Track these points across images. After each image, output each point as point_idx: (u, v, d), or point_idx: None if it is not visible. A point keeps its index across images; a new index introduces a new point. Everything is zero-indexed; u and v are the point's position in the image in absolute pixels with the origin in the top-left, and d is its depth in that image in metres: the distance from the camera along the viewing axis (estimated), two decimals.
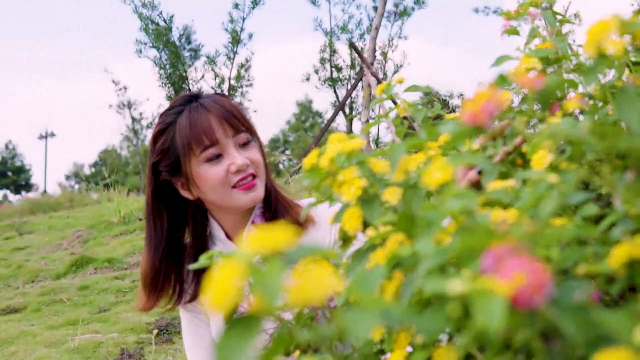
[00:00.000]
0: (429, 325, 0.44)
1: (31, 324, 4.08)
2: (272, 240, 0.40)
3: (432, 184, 0.66)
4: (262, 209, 1.52)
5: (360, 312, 0.38)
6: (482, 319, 0.43)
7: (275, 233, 0.40)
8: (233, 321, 0.39)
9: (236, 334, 0.38)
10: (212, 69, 17.22)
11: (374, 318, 0.38)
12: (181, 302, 1.54)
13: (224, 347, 0.38)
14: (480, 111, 0.55)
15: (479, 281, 0.46)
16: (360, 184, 0.74)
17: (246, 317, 0.39)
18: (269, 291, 0.37)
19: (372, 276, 0.45)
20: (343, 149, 0.76)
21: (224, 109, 1.43)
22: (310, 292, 0.39)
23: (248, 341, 0.38)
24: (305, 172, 0.80)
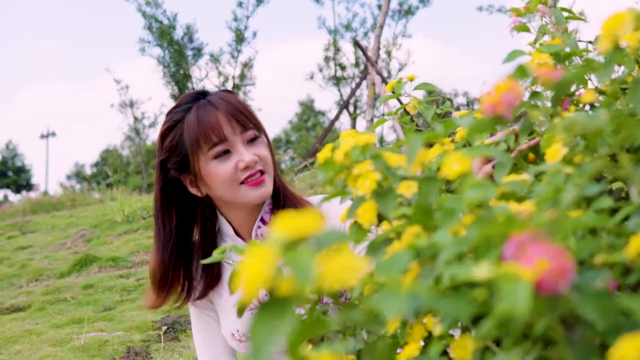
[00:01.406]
0: (454, 309, 0.44)
1: (35, 322, 4.09)
2: (302, 225, 0.41)
3: (450, 175, 0.67)
4: (271, 205, 1.53)
5: (391, 294, 0.39)
6: (508, 303, 0.44)
7: (305, 218, 0.41)
8: (264, 305, 0.40)
9: (268, 317, 0.39)
10: (216, 67, 17.23)
11: (405, 300, 0.39)
12: (190, 299, 1.55)
13: (257, 331, 0.39)
14: (499, 102, 0.56)
15: (503, 267, 0.47)
16: (375, 178, 0.74)
17: (277, 301, 0.39)
18: (302, 274, 0.38)
19: (397, 260, 0.46)
20: (358, 143, 0.77)
21: (232, 105, 1.43)
22: (340, 276, 0.39)
23: (280, 325, 0.38)
24: (319, 166, 0.80)
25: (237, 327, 1.50)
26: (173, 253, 1.51)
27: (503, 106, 0.55)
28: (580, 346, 0.54)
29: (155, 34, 17.26)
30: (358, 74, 15.71)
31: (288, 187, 1.57)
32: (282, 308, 0.39)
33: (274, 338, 0.38)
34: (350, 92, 8.49)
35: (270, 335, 0.38)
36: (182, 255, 1.53)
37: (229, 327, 1.52)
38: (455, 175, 0.67)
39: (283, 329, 0.38)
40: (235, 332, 1.50)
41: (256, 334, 0.39)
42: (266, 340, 0.38)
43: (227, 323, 1.53)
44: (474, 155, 0.69)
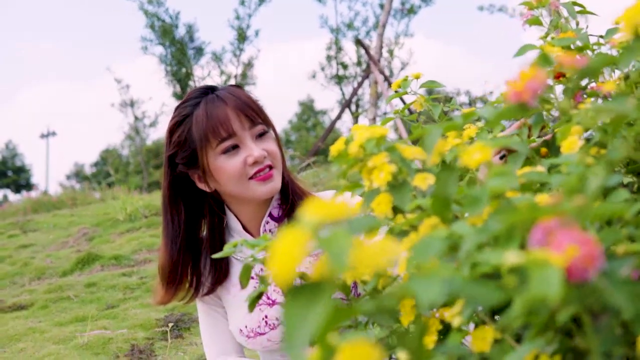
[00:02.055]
0: (486, 295, 0.44)
1: (39, 320, 4.08)
2: (335, 209, 0.40)
3: (471, 164, 0.66)
4: (279, 201, 1.53)
5: (427, 279, 0.38)
6: (539, 289, 0.44)
7: (337, 202, 0.41)
8: (297, 290, 0.39)
9: (301, 303, 0.38)
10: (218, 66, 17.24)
11: (441, 284, 0.38)
12: (198, 294, 1.54)
13: (289, 318, 0.38)
14: (524, 90, 0.56)
15: (533, 253, 0.46)
16: (390, 170, 0.74)
17: (311, 285, 0.39)
18: (338, 257, 0.37)
19: (428, 246, 0.45)
20: (373, 135, 0.76)
21: (240, 100, 1.43)
22: (374, 260, 0.39)
23: (314, 310, 0.38)
24: (333, 159, 0.80)
25: (245, 323, 1.50)
26: (182, 248, 1.51)
27: (528, 94, 0.55)
28: (606, 335, 0.53)
29: (158, 32, 17.28)
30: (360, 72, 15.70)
31: (296, 183, 1.56)
32: (316, 293, 0.39)
33: (307, 325, 0.37)
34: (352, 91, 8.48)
35: (303, 321, 0.38)
36: (190, 251, 1.53)
37: (238, 323, 1.51)
38: (476, 165, 0.67)
39: (317, 315, 0.38)
40: (243, 328, 1.50)
41: (288, 321, 0.38)
42: (299, 327, 0.37)
43: (235, 319, 1.53)
44: (496, 145, 0.68)
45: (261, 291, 0.87)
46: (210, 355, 1.57)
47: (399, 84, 1.18)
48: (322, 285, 0.39)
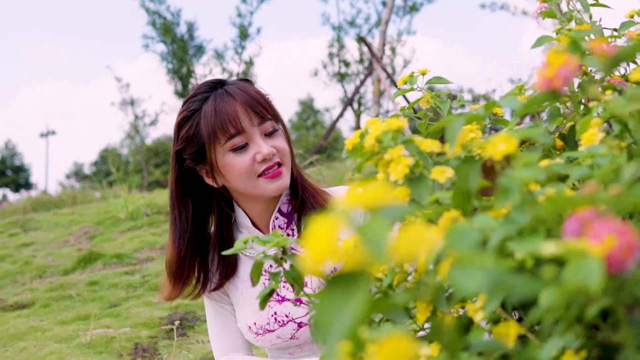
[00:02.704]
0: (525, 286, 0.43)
1: (40, 319, 4.06)
2: (371, 196, 0.39)
3: (496, 155, 0.65)
4: (289, 197, 1.52)
5: (469, 269, 0.37)
6: (580, 279, 0.43)
7: (374, 189, 0.39)
8: (332, 280, 0.38)
9: (337, 293, 0.37)
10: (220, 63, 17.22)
11: (483, 274, 0.37)
12: (205, 290, 1.53)
13: (324, 309, 0.37)
14: (555, 76, 0.54)
15: (571, 243, 0.45)
16: (408, 163, 0.72)
17: (347, 275, 0.38)
18: (376, 245, 0.36)
19: (465, 235, 0.44)
20: (389, 127, 0.75)
21: (250, 96, 1.41)
22: (412, 248, 0.38)
23: (351, 300, 0.37)
24: (348, 153, 0.79)
25: (254, 320, 1.48)
26: (189, 244, 1.50)
27: (559, 80, 0.54)
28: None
29: (159, 30, 17.27)
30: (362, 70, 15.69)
31: (306, 178, 1.55)
32: (352, 284, 0.37)
33: (343, 317, 0.36)
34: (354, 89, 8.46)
35: (339, 313, 0.36)
36: (198, 247, 1.52)
37: (246, 319, 1.50)
38: (500, 156, 0.66)
39: (354, 307, 0.36)
40: (252, 325, 1.49)
41: (323, 313, 0.37)
42: (335, 319, 0.36)
43: (243, 316, 1.51)
44: (520, 136, 0.67)
45: (272, 288, 0.86)
46: (218, 351, 1.56)
47: (405, 80, 1.17)
48: (358, 275, 0.37)
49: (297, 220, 1.51)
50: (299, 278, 0.86)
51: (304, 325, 1.46)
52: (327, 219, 0.38)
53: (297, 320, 1.47)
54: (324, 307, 0.37)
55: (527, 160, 0.59)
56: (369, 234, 0.37)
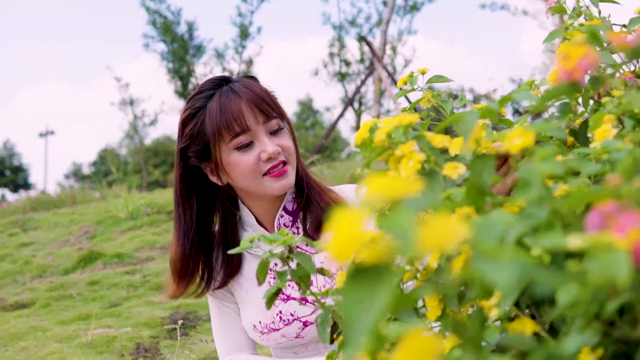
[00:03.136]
0: (552, 280, 0.42)
1: (41, 319, 4.04)
2: (396, 187, 0.38)
3: (512, 149, 0.64)
4: (294, 194, 1.51)
5: (499, 262, 0.36)
6: (607, 273, 0.42)
7: (398, 180, 0.38)
8: (356, 273, 0.37)
9: (362, 287, 0.36)
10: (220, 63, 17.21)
11: (514, 267, 0.36)
12: (210, 288, 1.52)
13: (350, 302, 0.36)
14: (576, 68, 0.53)
15: (597, 236, 0.44)
16: (419, 158, 0.72)
17: (373, 267, 0.37)
18: (403, 237, 0.35)
19: (494, 227, 0.43)
20: (400, 123, 0.74)
21: (255, 94, 1.40)
22: (439, 240, 0.37)
23: (376, 294, 0.36)
24: (357, 148, 0.78)
25: (259, 319, 1.47)
26: (194, 242, 1.49)
27: (580, 72, 0.53)
28: None
29: (160, 29, 17.27)
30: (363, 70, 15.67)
31: (311, 176, 1.54)
32: (378, 277, 0.36)
33: (369, 311, 0.35)
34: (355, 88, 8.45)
35: (364, 307, 0.35)
36: (202, 245, 1.51)
37: (250, 318, 1.49)
38: (517, 150, 0.65)
39: (380, 302, 0.35)
40: (257, 324, 1.48)
41: (349, 307, 0.36)
42: (360, 313, 0.35)
43: (248, 314, 1.50)
44: (536, 130, 0.66)
45: (279, 287, 0.85)
46: (222, 351, 1.55)
47: (405, 81, 1.16)
48: (383, 268, 0.36)
49: (302, 218, 1.51)
50: (305, 277, 0.85)
51: (309, 324, 1.45)
52: (351, 210, 0.37)
53: (302, 319, 1.46)
54: (348, 302, 0.36)
55: (546, 154, 0.58)
56: (394, 225, 0.36)
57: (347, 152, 26.69)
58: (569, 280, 0.43)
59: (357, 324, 0.35)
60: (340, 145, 29.22)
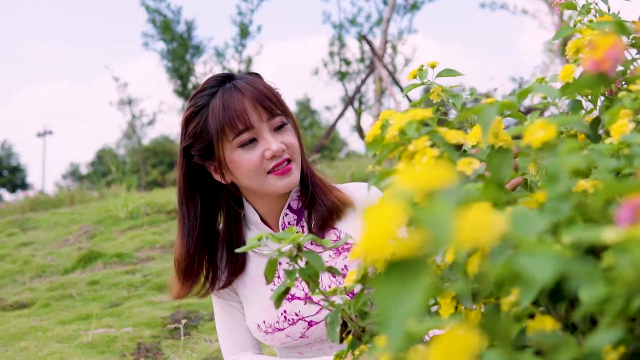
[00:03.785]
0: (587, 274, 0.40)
1: (41, 319, 4.02)
2: (430, 177, 0.36)
3: (534, 142, 0.63)
4: (299, 192, 1.49)
5: (539, 256, 0.35)
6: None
7: (433, 170, 0.37)
8: (390, 267, 0.35)
9: (396, 281, 0.35)
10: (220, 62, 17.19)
11: (555, 262, 0.34)
12: (214, 288, 1.51)
13: (385, 297, 0.34)
14: (604, 58, 0.52)
15: (633, 230, 0.43)
16: (433, 154, 0.70)
17: (408, 261, 0.35)
18: (441, 229, 0.33)
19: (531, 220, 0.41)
20: (413, 118, 0.72)
21: (258, 91, 1.39)
22: (475, 233, 0.35)
23: (413, 287, 0.34)
24: (368, 145, 0.76)
25: (263, 318, 1.46)
26: (198, 241, 1.47)
27: (608, 63, 0.51)
28: None
29: (159, 27, 17.25)
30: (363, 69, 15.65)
31: (316, 174, 1.52)
32: (413, 271, 0.35)
33: (405, 306, 0.33)
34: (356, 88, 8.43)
35: (399, 303, 0.34)
36: (207, 244, 1.49)
37: (255, 318, 1.48)
38: (539, 143, 0.64)
39: (415, 296, 0.34)
40: (261, 323, 1.46)
41: (383, 302, 0.34)
42: (396, 308, 0.34)
43: (252, 314, 1.49)
44: (557, 123, 0.65)
45: (288, 286, 0.83)
46: (226, 351, 1.53)
47: (414, 74, 1.14)
48: (417, 262, 0.35)
49: (306, 217, 1.49)
50: (314, 275, 0.83)
51: (314, 323, 1.44)
52: (384, 202, 0.35)
53: (307, 319, 1.44)
54: (383, 298, 0.34)
55: (572, 147, 0.57)
56: (431, 216, 0.34)
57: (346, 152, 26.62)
58: (602, 276, 0.42)
59: (392, 321, 0.34)
60: (338, 145, 29.20)
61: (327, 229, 1.46)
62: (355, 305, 0.82)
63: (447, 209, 0.34)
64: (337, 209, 1.47)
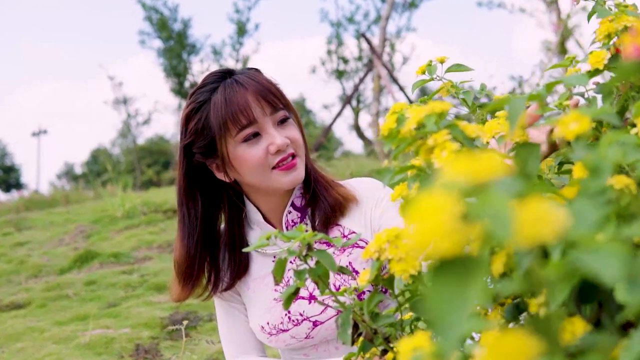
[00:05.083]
0: None
1: (37, 319, 3.98)
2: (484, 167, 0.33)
3: (568, 135, 0.59)
4: (302, 190, 1.46)
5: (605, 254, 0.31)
6: None
7: (486, 160, 0.33)
8: (441, 266, 0.32)
9: (450, 281, 0.31)
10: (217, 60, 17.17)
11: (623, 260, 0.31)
12: (217, 290, 1.47)
13: (438, 298, 0.31)
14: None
15: None
16: (453, 148, 0.66)
17: (462, 259, 0.32)
18: (500, 223, 0.30)
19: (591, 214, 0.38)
20: (432, 111, 0.69)
21: (261, 85, 1.36)
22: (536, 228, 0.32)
23: (468, 289, 0.31)
24: (383, 139, 0.73)
25: (267, 320, 1.43)
26: (199, 242, 1.44)
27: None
28: None
29: (156, 25, 17.22)
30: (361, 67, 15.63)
31: (319, 171, 1.49)
32: (469, 269, 0.31)
33: (462, 307, 0.30)
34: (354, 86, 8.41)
35: (454, 304, 0.30)
36: (208, 245, 1.46)
37: (258, 319, 1.44)
38: (573, 136, 0.60)
39: (472, 296, 0.30)
40: (265, 325, 1.43)
41: (438, 303, 0.30)
42: (452, 309, 0.30)
43: (255, 315, 1.45)
44: (591, 115, 0.61)
45: (298, 287, 0.80)
46: (229, 353, 1.50)
47: (423, 70, 1.12)
48: (475, 259, 0.31)
49: (310, 214, 1.46)
50: (325, 275, 0.80)
51: (319, 324, 1.40)
52: (437, 193, 0.32)
53: (312, 319, 1.41)
54: (438, 296, 0.31)
55: (614, 138, 0.54)
56: (489, 209, 0.31)
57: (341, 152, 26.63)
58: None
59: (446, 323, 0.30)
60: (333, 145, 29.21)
61: (330, 225, 1.44)
62: (368, 306, 0.79)
63: (506, 201, 0.31)
64: (340, 206, 1.44)
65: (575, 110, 0.64)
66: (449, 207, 0.31)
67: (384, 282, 0.79)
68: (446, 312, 0.30)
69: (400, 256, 0.70)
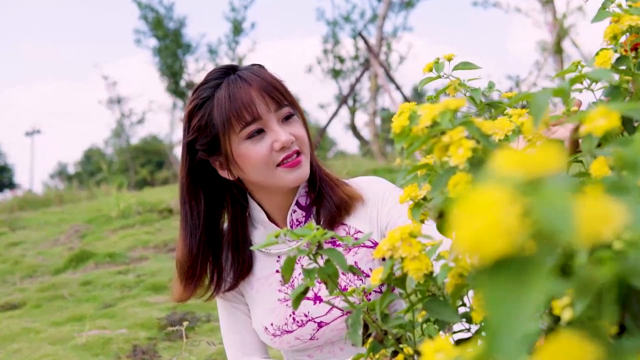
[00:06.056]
0: None
1: (33, 320, 3.94)
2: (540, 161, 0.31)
3: (595, 131, 0.58)
4: (307, 188, 1.44)
5: None
6: None
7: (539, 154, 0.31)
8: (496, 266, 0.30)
9: (508, 282, 0.29)
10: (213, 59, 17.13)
11: None
12: (219, 291, 1.45)
13: (497, 302, 0.29)
14: None
15: None
16: (470, 145, 0.65)
17: (520, 258, 0.30)
18: (561, 220, 0.28)
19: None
20: (447, 108, 0.67)
21: (265, 81, 1.33)
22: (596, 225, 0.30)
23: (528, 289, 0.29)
24: (395, 137, 0.71)
25: (270, 320, 1.40)
26: (201, 241, 1.41)
27: None
28: None
29: (151, 24, 17.17)
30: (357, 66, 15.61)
31: (323, 169, 1.47)
32: (528, 270, 0.29)
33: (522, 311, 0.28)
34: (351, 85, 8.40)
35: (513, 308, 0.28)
36: (211, 244, 1.43)
37: (262, 320, 1.42)
38: (600, 132, 0.58)
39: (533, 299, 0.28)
40: (268, 326, 1.41)
41: (495, 307, 0.28)
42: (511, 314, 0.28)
43: (259, 316, 1.43)
44: (619, 111, 0.60)
45: (307, 286, 0.78)
46: (232, 355, 1.48)
47: (430, 67, 1.10)
48: (535, 258, 0.29)
49: (315, 213, 1.44)
50: (334, 275, 0.79)
51: (324, 324, 1.38)
52: (488, 189, 0.30)
53: (316, 320, 1.38)
54: (495, 299, 0.29)
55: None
56: (548, 206, 0.29)
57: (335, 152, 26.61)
58: None
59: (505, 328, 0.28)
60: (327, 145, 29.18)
61: (336, 225, 1.41)
62: (380, 306, 0.77)
63: (566, 197, 0.29)
64: (345, 205, 1.42)
65: (603, 105, 0.63)
66: (506, 203, 0.29)
67: (396, 281, 0.77)
68: (505, 317, 0.28)
69: (414, 254, 0.68)
